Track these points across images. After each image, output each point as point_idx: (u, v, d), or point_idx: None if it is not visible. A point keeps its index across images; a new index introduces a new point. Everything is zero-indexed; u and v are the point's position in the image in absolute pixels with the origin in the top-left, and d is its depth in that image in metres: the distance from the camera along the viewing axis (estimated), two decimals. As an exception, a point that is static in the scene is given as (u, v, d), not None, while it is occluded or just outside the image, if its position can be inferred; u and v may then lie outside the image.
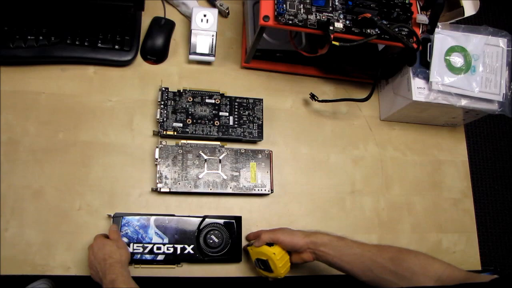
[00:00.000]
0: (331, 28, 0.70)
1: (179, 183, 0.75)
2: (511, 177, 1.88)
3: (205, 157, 0.77)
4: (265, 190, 0.79)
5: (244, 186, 0.78)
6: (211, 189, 0.76)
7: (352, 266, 0.65)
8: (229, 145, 0.80)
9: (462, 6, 0.85)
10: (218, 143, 0.79)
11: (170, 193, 0.75)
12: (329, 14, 0.72)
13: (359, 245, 0.67)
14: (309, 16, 0.71)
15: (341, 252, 0.66)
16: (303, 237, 0.68)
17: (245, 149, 0.79)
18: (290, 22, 0.70)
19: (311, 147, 0.86)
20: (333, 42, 0.70)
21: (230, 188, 0.77)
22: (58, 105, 0.76)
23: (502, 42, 0.83)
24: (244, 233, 0.76)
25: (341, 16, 0.73)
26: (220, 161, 0.78)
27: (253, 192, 0.78)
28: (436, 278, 0.60)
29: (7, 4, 0.74)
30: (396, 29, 0.73)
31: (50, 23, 0.76)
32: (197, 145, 0.78)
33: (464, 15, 0.86)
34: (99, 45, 0.78)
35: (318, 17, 0.72)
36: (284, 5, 0.71)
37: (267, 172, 0.80)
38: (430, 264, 0.62)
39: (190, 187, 0.75)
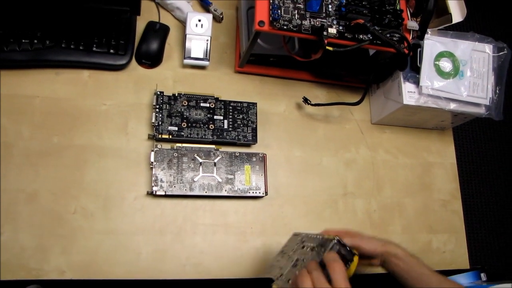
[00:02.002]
0: (324, 33, 0.72)
1: (174, 186, 0.75)
2: (496, 179, 1.92)
3: (200, 160, 0.78)
4: (259, 192, 0.80)
5: (239, 189, 0.79)
6: (206, 192, 0.77)
7: (416, 284, 0.67)
8: (223, 149, 0.80)
9: (450, 13, 0.87)
10: (213, 146, 0.80)
11: (166, 196, 0.75)
12: (322, 20, 0.74)
13: (429, 268, 0.69)
14: (303, 22, 0.73)
15: (411, 268, 0.68)
16: (381, 245, 0.69)
17: (239, 152, 0.80)
18: (285, 27, 0.72)
19: (304, 150, 0.87)
20: (327, 47, 0.71)
21: (225, 190, 0.78)
22: (53, 109, 0.76)
23: (488, 48, 0.86)
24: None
25: (335, 22, 0.74)
26: (215, 164, 0.78)
27: (248, 194, 0.79)
28: None
29: (2, 7, 0.74)
30: (388, 35, 0.74)
31: (45, 27, 0.76)
32: (192, 148, 0.78)
33: (452, 21, 0.88)
34: (94, 49, 0.78)
35: (312, 23, 0.73)
36: (279, 11, 0.72)
37: (261, 175, 0.80)
38: None
39: (185, 190, 0.76)
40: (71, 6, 0.73)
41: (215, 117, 0.80)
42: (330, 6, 0.75)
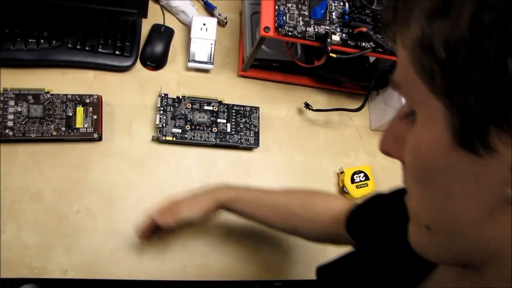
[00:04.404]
0: (328, 40, 0.73)
1: (177, 188, 0.76)
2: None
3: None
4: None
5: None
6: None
7: (265, 218, 0.67)
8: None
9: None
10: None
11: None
12: (326, 27, 0.75)
13: (269, 195, 0.67)
14: (307, 28, 0.74)
15: (253, 206, 0.66)
16: (210, 201, 0.65)
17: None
18: (290, 33, 0.73)
19: (305, 154, 0.89)
20: (331, 54, 0.73)
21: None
22: (58, 109, 0.77)
23: (486, 58, 0.88)
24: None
25: (338, 29, 0.76)
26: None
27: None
28: (337, 215, 0.62)
29: (9, 7, 0.74)
30: (390, 43, 0.76)
31: (51, 27, 0.76)
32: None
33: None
34: (100, 50, 0.79)
35: (316, 30, 0.75)
36: (284, 17, 0.73)
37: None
38: (333, 203, 0.65)
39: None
40: (79, 8, 0.74)
41: (218, 120, 0.81)
42: (334, 14, 0.77)
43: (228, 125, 0.82)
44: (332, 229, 0.63)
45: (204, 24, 0.85)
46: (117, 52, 0.80)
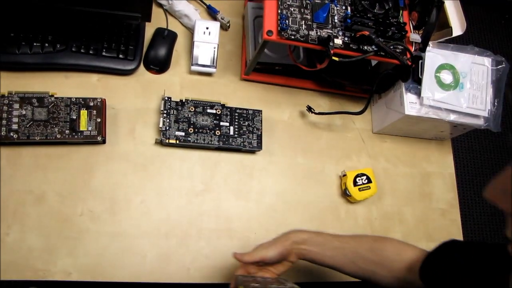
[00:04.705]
0: (331, 44, 0.74)
1: (180, 191, 0.76)
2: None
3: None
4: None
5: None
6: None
7: (334, 260, 0.67)
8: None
9: (451, 27, 0.90)
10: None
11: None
12: (329, 31, 0.76)
13: (338, 238, 0.69)
14: (310, 32, 0.75)
15: (323, 248, 0.68)
16: (284, 242, 0.67)
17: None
18: (292, 37, 0.73)
19: (307, 157, 0.89)
20: (333, 58, 0.73)
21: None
22: (62, 112, 0.77)
23: (487, 61, 0.88)
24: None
25: (340, 33, 0.76)
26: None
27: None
28: (409, 262, 0.64)
29: (14, 10, 0.75)
30: (392, 47, 0.77)
31: (56, 31, 0.77)
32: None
33: (452, 35, 0.90)
34: (104, 53, 0.79)
35: (318, 33, 0.75)
36: (287, 21, 0.74)
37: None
38: (404, 250, 0.67)
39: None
40: (83, 11, 0.74)
41: (221, 123, 0.82)
42: (336, 18, 0.77)
43: (231, 128, 0.82)
44: (403, 276, 0.64)
45: (207, 28, 0.86)
46: (120, 56, 0.80)
